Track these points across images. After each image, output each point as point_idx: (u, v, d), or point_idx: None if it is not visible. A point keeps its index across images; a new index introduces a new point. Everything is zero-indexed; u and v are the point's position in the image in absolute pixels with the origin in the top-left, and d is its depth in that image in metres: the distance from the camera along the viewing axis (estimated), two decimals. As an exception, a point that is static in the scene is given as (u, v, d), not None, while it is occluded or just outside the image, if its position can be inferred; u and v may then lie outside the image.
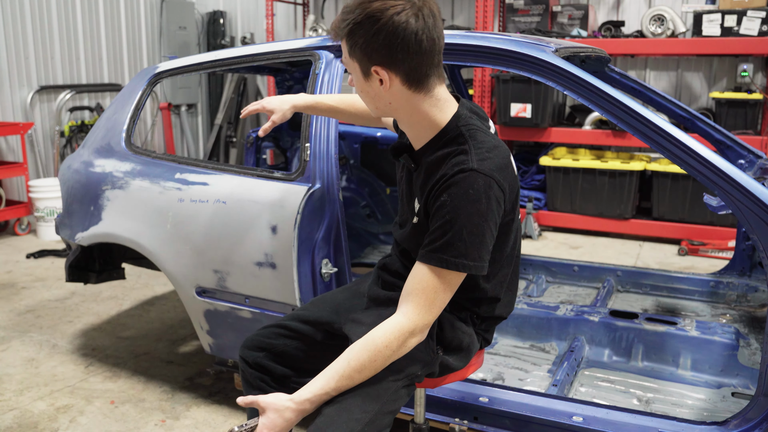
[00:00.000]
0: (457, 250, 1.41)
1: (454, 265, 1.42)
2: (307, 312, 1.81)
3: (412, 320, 1.45)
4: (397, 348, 1.45)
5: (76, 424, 2.52)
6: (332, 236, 2.21)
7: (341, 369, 1.45)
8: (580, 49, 2.42)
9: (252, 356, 1.75)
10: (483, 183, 1.41)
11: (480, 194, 1.41)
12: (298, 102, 2.03)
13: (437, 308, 1.47)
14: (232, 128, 6.94)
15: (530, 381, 2.46)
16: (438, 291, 1.45)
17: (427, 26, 1.41)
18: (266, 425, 1.42)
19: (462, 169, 1.42)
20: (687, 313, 3.01)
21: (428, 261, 1.44)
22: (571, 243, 5.08)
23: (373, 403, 1.45)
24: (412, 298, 1.46)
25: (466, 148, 1.46)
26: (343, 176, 3.79)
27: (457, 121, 1.52)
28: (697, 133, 2.99)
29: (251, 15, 7.19)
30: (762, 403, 1.80)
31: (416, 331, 1.46)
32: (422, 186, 1.55)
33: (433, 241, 1.44)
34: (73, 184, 2.78)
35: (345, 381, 1.44)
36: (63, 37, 5.78)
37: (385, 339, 1.44)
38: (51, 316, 3.59)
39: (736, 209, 1.78)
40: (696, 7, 4.88)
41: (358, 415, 1.42)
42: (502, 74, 5.24)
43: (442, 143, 1.52)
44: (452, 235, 1.41)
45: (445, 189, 1.43)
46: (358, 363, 1.44)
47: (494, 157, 1.46)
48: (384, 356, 1.44)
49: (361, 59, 1.46)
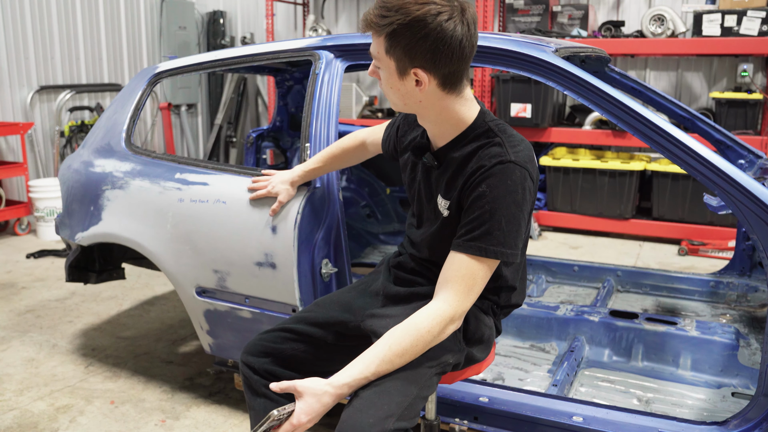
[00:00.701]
0: (496, 239, 1.46)
1: (493, 253, 1.47)
2: (314, 314, 1.80)
3: (453, 306, 1.48)
4: (437, 333, 1.48)
5: (76, 424, 2.52)
6: (332, 236, 2.21)
7: (381, 353, 1.46)
8: (580, 49, 2.42)
9: (258, 362, 1.73)
10: (520, 174, 1.48)
11: (517, 185, 1.47)
12: (294, 178, 2.16)
13: (474, 295, 1.51)
14: (232, 128, 6.94)
15: (530, 381, 2.46)
16: (476, 278, 1.49)
17: (470, 33, 1.45)
18: (304, 410, 1.42)
19: (501, 161, 1.48)
20: (687, 313, 3.01)
21: (467, 250, 1.48)
22: (571, 243, 5.08)
23: (411, 387, 1.48)
24: (452, 285, 1.49)
25: (500, 140, 1.52)
26: (343, 176, 3.79)
27: (483, 117, 1.57)
28: (697, 133, 2.99)
29: (251, 15, 7.20)
30: (762, 403, 1.80)
31: (455, 318, 1.50)
32: (450, 181, 1.59)
33: (472, 230, 1.48)
34: (73, 184, 2.78)
35: (385, 365, 1.46)
36: (63, 37, 5.78)
37: (428, 324, 1.47)
38: (51, 316, 3.59)
39: (736, 209, 1.78)
40: (696, 7, 4.88)
41: (398, 398, 1.44)
42: (502, 74, 5.24)
43: (470, 139, 1.56)
44: (491, 225, 1.46)
45: (483, 180, 1.48)
46: (400, 347, 1.46)
47: (525, 149, 1.53)
48: (425, 341, 1.47)
49: (400, 59, 1.47)
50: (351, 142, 2.06)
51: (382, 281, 1.83)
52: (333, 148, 2.09)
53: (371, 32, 1.48)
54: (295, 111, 3.64)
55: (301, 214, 2.15)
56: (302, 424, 1.42)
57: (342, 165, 2.13)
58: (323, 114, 2.25)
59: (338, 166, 2.13)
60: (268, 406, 1.70)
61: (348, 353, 1.81)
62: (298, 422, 1.41)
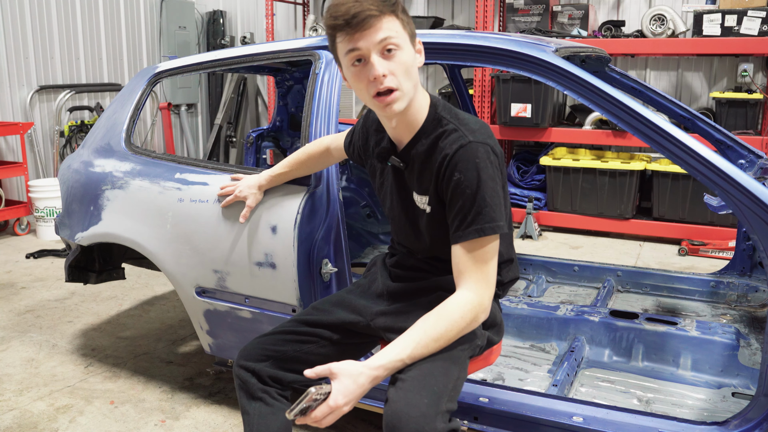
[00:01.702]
0: (487, 216, 1.50)
1: (491, 229, 1.51)
2: (317, 317, 1.79)
3: (479, 293, 1.52)
4: (470, 321, 1.51)
5: (75, 424, 2.52)
6: (332, 236, 2.20)
7: (417, 337, 1.48)
8: (581, 48, 2.42)
9: (257, 366, 1.71)
10: (483, 150, 1.52)
11: (484, 161, 1.52)
12: (261, 182, 2.19)
13: (492, 275, 1.55)
14: (232, 128, 6.94)
15: (530, 381, 2.46)
16: (487, 260, 1.53)
17: None
18: (341, 391, 1.41)
19: (461, 145, 1.52)
20: (687, 313, 3.01)
21: (467, 237, 1.51)
22: (571, 243, 5.08)
23: (453, 369, 1.52)
24: (469, 273, 1.52)
25: (454, 126, 1.56)
26: (343, 176, 3.79)
27: (436, 109, 1.61)
28: (697, 133, 2.99)
29: (251, 15, 7.19)
30: (762, 403, 1.80)
31: (484, 303, 1.53)
32: (419, 177, 1.62)
33: (464, 218, 1.51)
34: (72, 184, 2.78)
35: (420, 349, 1.48)
36: (63, 37, 5.78)
37: (460, 312, 1.50)
38: (51, 316, 3.59)
39: (737, 209, 1.78)
40: (696, 7, 4.88)
41: (443, 379, 1.47)
42: (502, 74, 5.24)
43: (429, 131, 1.60)
44: (479, 205, 1.50)
45: (453, 168, 1.52)
46: (436, 332, 1.48)
47: (481, 127, 1.58)
48: (459, 327, 1.50)
49: (412, 31, 1.53)
50: (316, 148, 2.08)
51: (382, 281, 1.84)
52: (299, 154, 2.11)
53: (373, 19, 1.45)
54: (295, 111, 3.63)
55: (301, 214, 2.15)
56: (339, 406, 1.41)
57: (309, 170, 2.14)
58: (323, 114, 2.25)
59: (305, 172, 2.15)
60: (262, 410, 1.69)
61: (355, 350, 1.84)
62: (335, 404, 1.40)
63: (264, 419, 1.69)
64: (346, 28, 1.46)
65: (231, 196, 2.23)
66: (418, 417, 1.38)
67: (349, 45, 1.48)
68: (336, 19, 1.46)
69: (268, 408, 1.70)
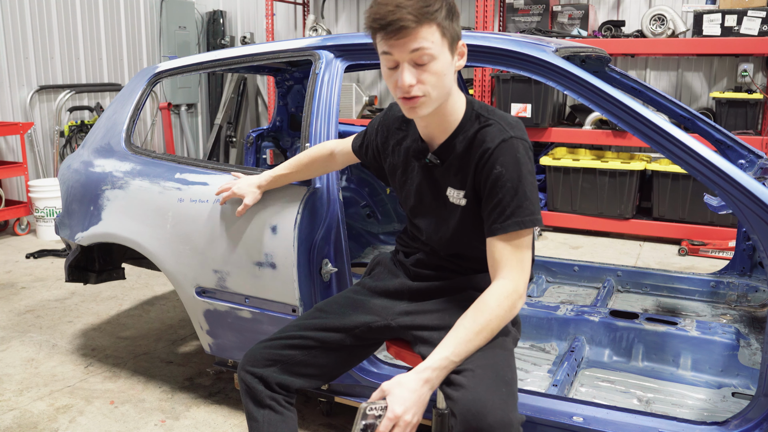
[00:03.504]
0: (527, 209, 1.53)
1: (531, 222, 1.54)
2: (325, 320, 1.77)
3: (514, 281, 1.54)
4: (509, 308, 1.52)
5: (75, 424, 2.52)
6: (332, 236, 2.20)
7: (460, 334, 1.49)
8: (581, 48, 2.42)
9: (265, 372, 1.69)
10: (522, 146, 1.56)
11: (524, 156, 1.55)
12: (262, 182, 2.18)
13: (528, 266, 1.57)
14: (232, 128, 6.94)
15: (530, 381, 2.46)
16: (524, 251, 1.55)
17: None
18: (394, 401, 1.41)
19: (503, 139, 1.55)
20: (687, 313, 3.01)
21: (506, 229, 1.53)
22: (571, 243, 5.08)
23: (512, 360, 1.57)
24: (505, 264, 1.54)
25: (493, 121, 1.59)
26: (343, 176, 3.79)
27: (472, 106, 1.63)
28: (697, 133, 2.99)
29: (251, 15, 7.19)
30: (762, 403, 1.80)
31: (520, 291, 1.54)
32: (458, 172, 1.63)
33: (503, 210, 1.54)
34: (72, 184, 2.78)
35: (464, 345, 1.49)
36: (63, 37, 5.78)
37: (497, 300, 1.51)
38: (51, 316, 3.59)
39: (737, 209, 1.78)
40: (696, 7, 4.88)
41: (509, 370, 1.51)
42: (502, 74, 5.24)
43: (467, 127, 1.61)
44: (519, 198, 1.53)
45: (494, 161, 1.54)
46: (477, 325, 1.50)
47: (517, 123, 1.61)
48: (499, 317, 1.51)
49: (454, 36, 1.52)
50: (319, 152, 2.08)
51: (400, 281, 1.82)
52: (302, 157, 2.10)
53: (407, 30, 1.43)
54: (295, 111, 3.63)
55: (301, 214, 2.15)
56: (398, 416, 1.40)
57: (310, 174, 2.13)
58: (323, 114, 2.25)
59: (307, 175, 2.14)
60: (272, 418, 1.68)
61: (362, 353, 1.83)
62: (394, 414, 1.40)
63: (273, 427, 1.68)
64: (382, 32, 1.46)
65: (228, 192, 2.22)
66: (501, 404, 1.38)
67: (383, 48, 1.49)
68: (374, 21, 1.46)
69: (277, 416, 1.69)
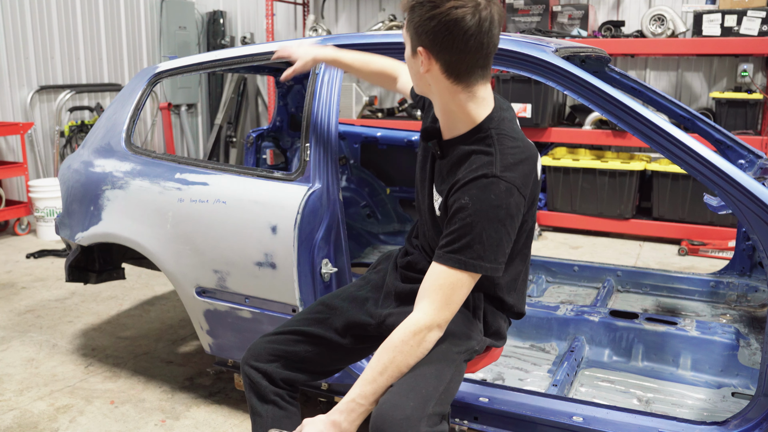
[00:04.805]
0: (475, 253, 1.45)
1: (472, 266, 1.46)
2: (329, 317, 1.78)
3: (429, 316, 1.48)
4: (416, 344, 1.47)
5: (75, 424, 2.52)
6: (332, 236, 2.21)
7: (365, 375, 1.47)
8: (580, 49, 2.42)
9: (269, 367, 1.70)
10: (505, 189, 1.45)
11: (501, 200, 1.44)
12: (319, 55, 2.12)
13: (455, 305, 1.49)
14: (232, 128, 6.94)
15: (530, 381, 2.46)
16: (455, 289, 1.48)
17: (481, 30, 1.43)
18: None
19: (485, 174, 1.46)
20: (687, 313, 3.01)
21: (446, 261, 1.47)
22: (571, 243, 5.08)
23: (446, 372, 1.50)
24: (430, 295, 1.49)
25: (492, 151, 1.49)
26: (343, 176, 3.79)
27: (489, 123, 1.54)
28: (697, 133, 2.99)
29: (251, 15, 7.19)
30: (762, 403, 1.80)
31: (433, 326, 1.48)
32: (444, 176, 1.59)
33: (452, 242, 1.46)
34: (73, 184, 2.78)
35: (368, 385, 1.46)
36: (63, 37, 5.78)
37: (401, 335, 1.47)
38: (51, 316, 3.59)
39: (736, 209, 1.78)
40: (696, 7, 4.88)
41: (434, 382, 1.46)
42: (502, 74, 5.24)
43: (472, 140, 1.55)
44: (471, 238, 1.44)
45: (466, 191, 1.46)
46: (380, 365, 1.46)
47: (519, 163, 1.50)
48: (404, 353, 1.46)
49: (411, 36, 1.50)
50: (388, 69, 2.05)
51: (391, 280, 1.82)
52: (372, 60, 2.08)
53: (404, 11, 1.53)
54: (295, 111, 3.63)
55: (301, 214, 2.15)
56: None
57: (367, 78, 2.11)
58: (323, 114, 2.25)
59: (363, 77, 2.11)
60: (276, 414, 1.70)
61: (365, 351, 1.84)
62: None
63: (278, 422, 1.69)
64: None
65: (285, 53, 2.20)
66: (401, 420, 1.37)
67: None
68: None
69: (282, 411, 1.70)
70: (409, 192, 3.80)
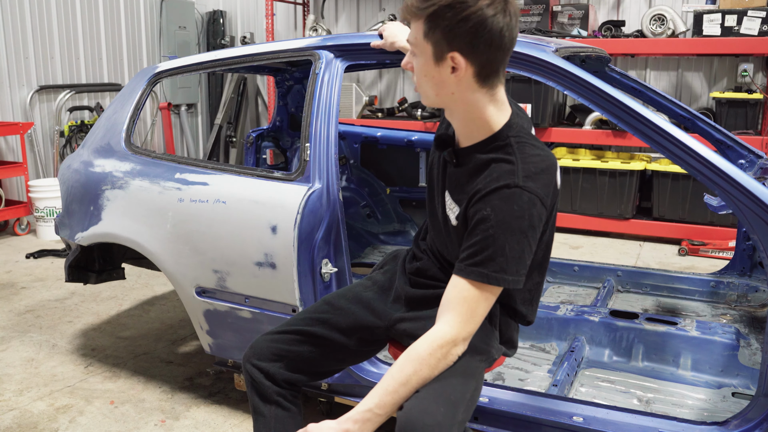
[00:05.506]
0: (498, 265, 1.42)
1: (495, 279, 1.43)
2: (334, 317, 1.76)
3: (455, 329, 1.45)
4: (441, 357, 1.44)
5: (75, 424, 2.52)
6: (332, 236, 2.20)
7: (385, 384, 1.43)
8: (581, 48, 2.41)
9: (271, 367, 1.69)
10: (527, 200, 1.42)
11: (524, 211, 1.42)
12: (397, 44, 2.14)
13: (479, 317, 1.47)
14: (232, 128, 6.94)
15: (530, 381, 2.46)
16: (479, 302, 1.45)
17: (512, 24, 1.42)
18: None
19: (507, 185, 1.42)
20: (687, 313, 3.01)
21: (468, 275, 1.44)
22: (571, 243, 5.08)
23: (471, 380, 1.49)
24: (454, 308, 1.46)
25: (513, 159, 1.46)
26: (343, 176, 3.79)
27: (508, 130, 1.51)
28: (697, 133, 2.99)
29: (251, 15, 7.19)
30: (762, 403, 1.80)
31: (458, 341, 1.46)
32: (461, 185, 1.55)
33: (474, 255, 1.44)
34: (72, 184, 2.78)
35: (389, 396, 1.42)
36: (63, 37, 5.78)
37: (428, 348, 1.44)
38: (51, 316, 3.59)
39: (737, 209, 1.78)
40: (696, 7, 4.88)
41: (460, 390, 1.45)
42: (502, 74, 5.23)
43: (490, 148, 1.51)
44: (494, 251, 1.42)
45: (488, 202, 1.43)
46: (403, 376, 1.43)
47: (542, 172, 1.47)
48: (429, 365, 1.43)
49: (438, 42, 1.43)
50: None
51: (401, 285, 1.79)
52: None
53: (410, 19, 1.46)
54: (295, 111, 3.63)
55: (301, 214, 2.15)
56: None
57: None
58: (323, 114, 2.25)
59: None
60: (279, 414, 1.69)
61: (365, 356, 1.84)
62: None
63: (281, 423, 1.69)
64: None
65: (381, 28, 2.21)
66: (433, 426, 1.34)
67: None
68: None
69: (285, 412, 1.69)
70: (409, 192, 3.80)
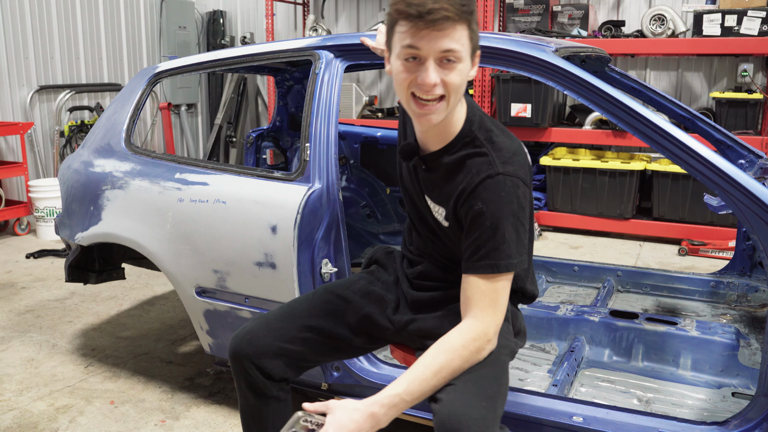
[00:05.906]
0: (503, 253, 1.46)
1: (505, 267, 1.46)
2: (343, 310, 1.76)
3: (486, 323, 1.47)
4: (474, 350, 1.45)
5: (75, 424, 2.52)
6: (332, 236, 2.20)
7: (416, 371, 1.43)
8: (581, 48, 2.42)
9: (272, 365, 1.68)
10: (511, 184, 1.46)
11: (511, 195, 1.46)
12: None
13: (502, 307, 1.50)
14: (232, 128, 6.94)
15: (530, 381, 2.46)
16: (498, 292, 1.48)
17: None
18: (332, 423, 1.37)
19: (489, 175, 1.47)
20: (687, 313, 3.01)
21: (479, 270, 1.47)
22: (571, 243, 5.08)
23: (503, 375, 1.52)
24: (476, 303, 1.47)
25: (485, 151, 1.50)
26: (343, 176, 3.79)
27: (470, 125, 1.54)
28: (697, 133, 2.99)
29: (251, 15, 7.19)
30: (762, 403, 1.80)
31: (490, 334, 1.48)
32: (439, 186, 1.57)
33: (478, 250, 1.46)
34: (72, 184, 2.78)
35: (419, 384, 1.41)
36: (63, 37, 5.78)
37: (462, 340, 1.45)
38: (51, 316, 3.59)
39: (737, 209, 1.78)
40: (696, 7, 4.88)
41: (495, 384, 1.46)
42: (502, 74, 5.24)
43: (459, 146, 1.54)
44: (496, 240, 1.45)
45: (477, 196, 1.47)
46: (435, 364, 1.43)
47: (513, 155, 1.50)
48: (462, 357, 1.44)
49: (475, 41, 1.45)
50: None
51: (405, 288, 1.78)
52: None
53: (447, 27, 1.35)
54: (295, 111, 3.63)
55: (301, 214, 2.15)
56: None
57: None
58: (323, 114, 2.25)
59: None
60: (279, 407, 1.70)
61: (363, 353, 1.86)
62: None
63: (280, 415, 1.71)
64: (416, 20, 1.33)
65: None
66: (479, 420, 1.34)
67: (410, 40, 1.37)
68: (408, 6, 1.34)
69: (282, 403, 1.72)
70: (409, 192, 3.79)
